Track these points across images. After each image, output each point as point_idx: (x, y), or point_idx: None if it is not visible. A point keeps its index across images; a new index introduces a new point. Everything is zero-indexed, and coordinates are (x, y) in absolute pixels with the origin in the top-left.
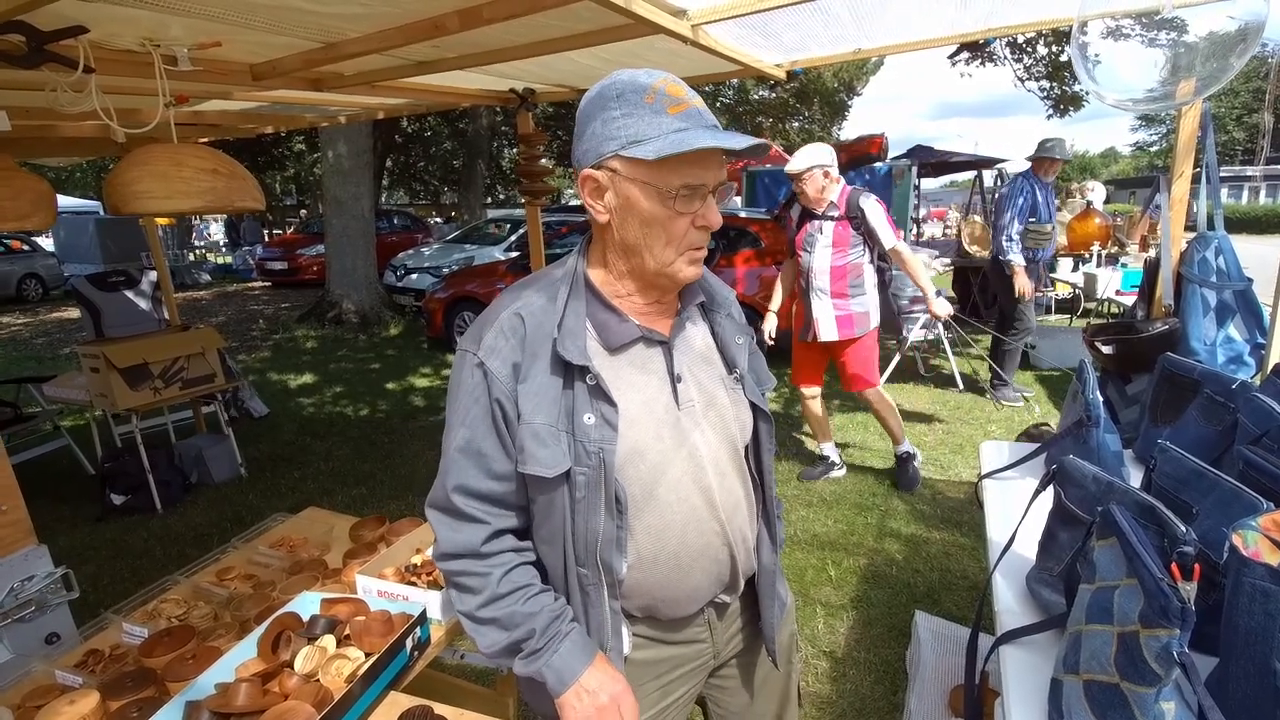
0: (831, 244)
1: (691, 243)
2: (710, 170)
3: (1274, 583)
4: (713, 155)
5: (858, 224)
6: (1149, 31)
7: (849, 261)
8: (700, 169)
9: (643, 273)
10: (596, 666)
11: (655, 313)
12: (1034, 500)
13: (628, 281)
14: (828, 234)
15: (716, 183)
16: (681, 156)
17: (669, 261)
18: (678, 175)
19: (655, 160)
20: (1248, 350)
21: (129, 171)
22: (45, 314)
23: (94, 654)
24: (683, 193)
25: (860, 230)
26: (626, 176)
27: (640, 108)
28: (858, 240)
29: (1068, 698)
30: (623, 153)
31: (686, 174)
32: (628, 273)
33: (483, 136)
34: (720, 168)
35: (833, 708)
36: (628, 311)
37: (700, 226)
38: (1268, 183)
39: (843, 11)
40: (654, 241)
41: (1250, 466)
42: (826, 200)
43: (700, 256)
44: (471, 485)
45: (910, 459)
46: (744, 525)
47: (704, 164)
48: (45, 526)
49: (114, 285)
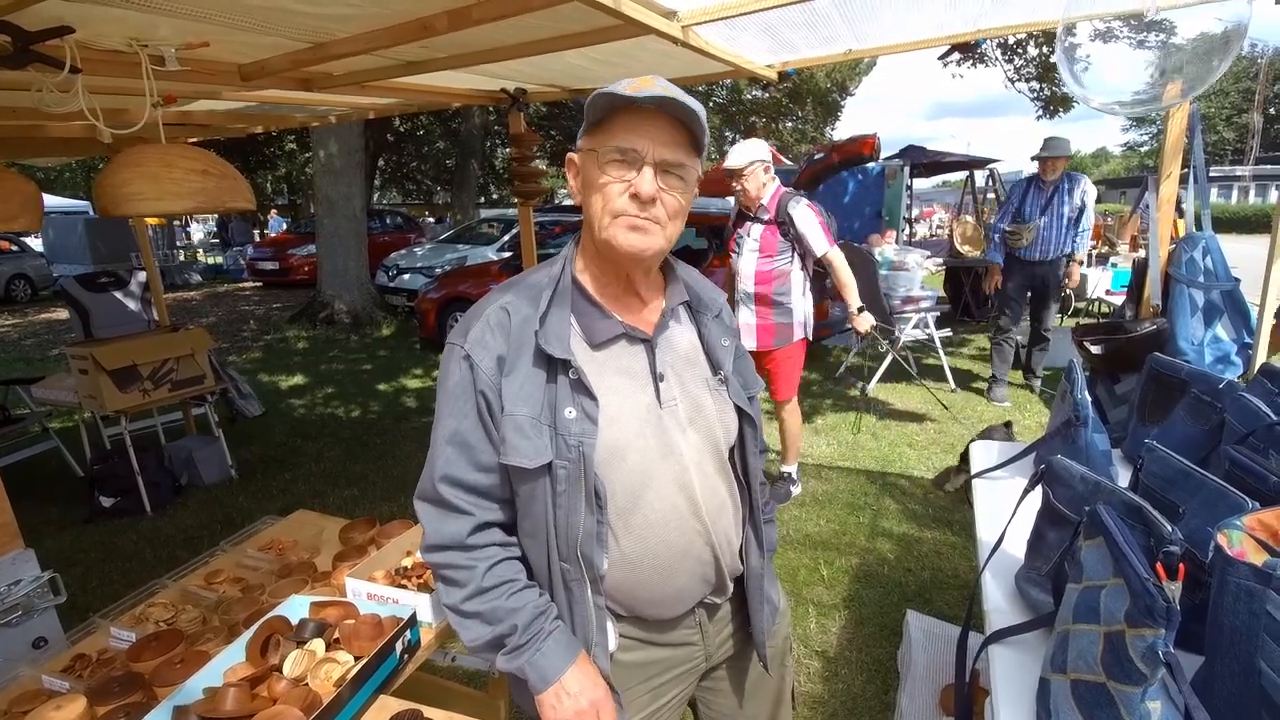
0: (758, 248)
1: (623, 208)
2: (652, 143)
3: (1258, 582)
4: (657, 128)
5: (785, 229)
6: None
7: (775, 268)
8: (637, 136)
9: (596, 245)
10: (579, 668)
11: (639, 309)
12: (1022, 500)
13: (593, 263)
14: (755, 237)
15: (658, 157)
16: (619, 123)
17: (605, 226)
18: (613, 139)
19: (599, 125)
20: (1235, 350)
21: (119, 173)
22: (34, 315)
23: (81, 659)
24: (614, 156)
25: (789, 236)
26: (583, 149)
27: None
28: (785, 246)
29: (1055, 697)
30: (583, 130)
31: (621, 138)
32: (593, 253)
33: (476, 136)
34: (668, 146)
35: (824, 707)
36: (610, 307)
37: (633, 195)
38: (1257, 182)
39: (833, 13)
40: (594, 206)
41: (1236, 466)
42: (759, 201)
43: (639, 224)
44: (458, 476)
45: (789, 480)
46: (728, 527)
47: (644, 133)
48: (33, 529)
49: (103, 286)
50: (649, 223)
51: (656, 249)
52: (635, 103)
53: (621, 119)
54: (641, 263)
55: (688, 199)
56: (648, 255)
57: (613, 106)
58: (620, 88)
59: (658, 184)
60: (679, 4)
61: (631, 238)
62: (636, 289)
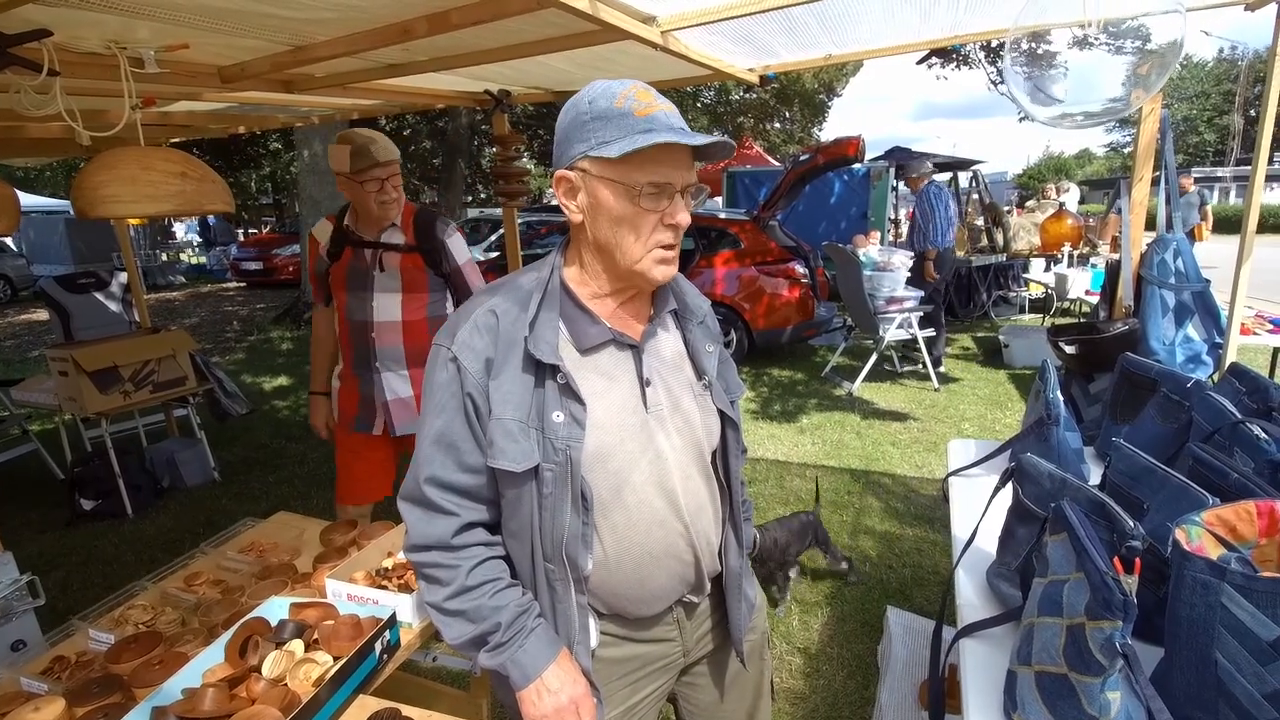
0: (401, 286)
1: (660, 241)
2: (678, 170)
3: (1213, 575)
4: (680, 156)
5: (434, 258)
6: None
7: (428, 316)
8: (667, 168)
9: (615, 271)
10: (560, 665)
11: (628, 316)
12: (994, 497)
13: (602, 280)
14: (392, 270)
15: (684, 183)
16: (647, 155)
17: (638, 259)
18: (644, 173)
19: (621, 158)
20: (1206, 350)
21: (96, 175)
22: (13, 316)
23: (60, 661)
24: (648, 190)
25: (441, 271)
26: (596, 176)
27: (610, 111)
28: (438, 283)
29: (1021, 688)
30: (591, 153)
31: (653, 172)
32: (602, 271)
33: (462, 135)
34: (689, 169)
35: (806, 703)
36: (600, 314)
37: (668, 225)
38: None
39: (810, 20)
40: (623, 239)
41: (1200, 463)
42: (390, 218)
43: (671, 256)
44: (443, 477)
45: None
46: (708, 528)
47: (670, 163)
48: (12, 532)
49: (83, 287)
50: (673, 251)
51: (675, 270)
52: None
53: (651, 152)
54: (662, 286)
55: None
56: (671, 279)
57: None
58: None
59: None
60: (658, 9)
61: (665, 270)
62: (630, 299)
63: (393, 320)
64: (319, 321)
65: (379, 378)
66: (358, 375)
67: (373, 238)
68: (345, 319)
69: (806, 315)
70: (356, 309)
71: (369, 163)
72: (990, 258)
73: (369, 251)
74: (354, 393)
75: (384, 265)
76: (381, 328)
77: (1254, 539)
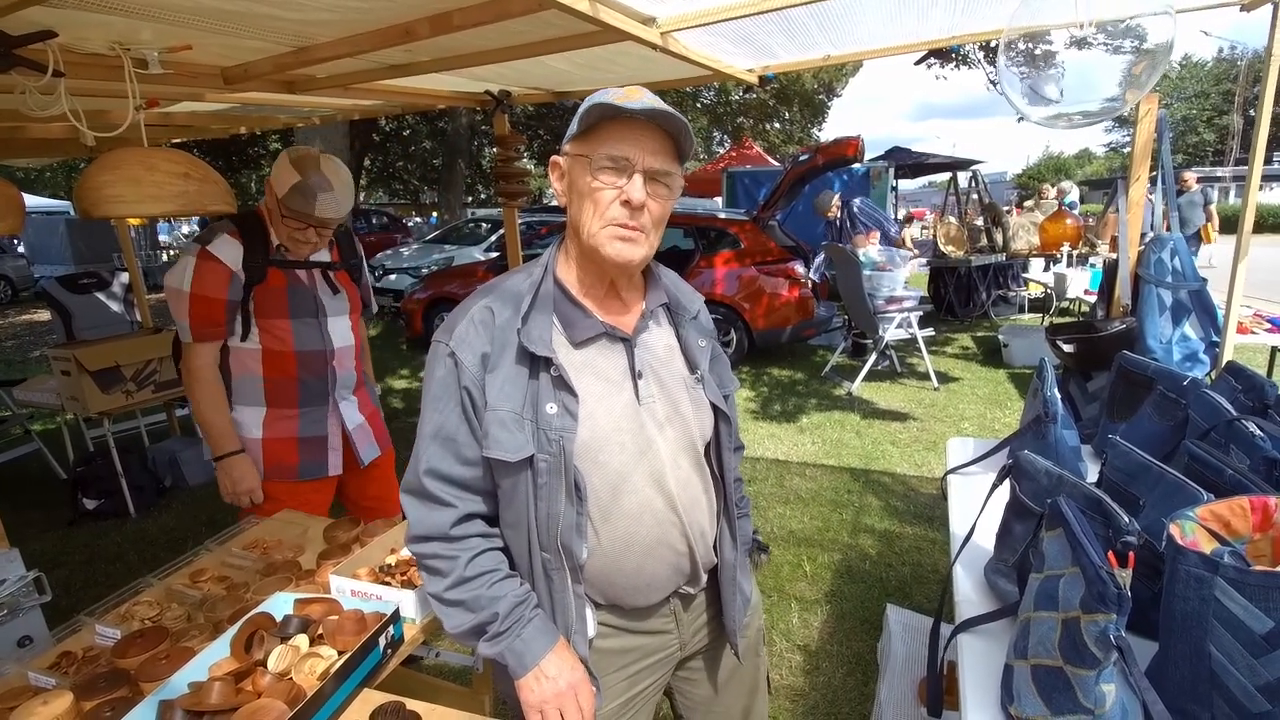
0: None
1: (615, 217)
2: (639, 150)
3: (1207, 569)
4: (644, 137)
5: (356, 273)
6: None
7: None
8: (627, 145)
9: (581, 251)
10: (557, 653)
11: (618, 309)
12: (991, 494)
13: (577, 267)
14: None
15: (647, 165)
16: (610, 131)
17: (594, 233)
18: (605, 147)
19: (589, 133)
20: (1203, 348)
21: (100, 175)
22: (14, 316)
23: (67, 656)
24: (605, 164)
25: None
26: (572, 155)
27: (596, 100)
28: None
29: (1017, 682)
30: (572, 134)
31: (613, 146)
32: (576, 255)
33: (462, 135)
34: (655, 154)
35: (805, 700)
36: (591, 307)
37: (623, 203)
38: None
39: (809, 21)
40: (584, 213)
41: (1195, 460)
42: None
43: (628, 235)
44: (442, 469)
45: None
46: (702, 520)
47: (632, 140)
48: (15, 532)
49: (85, 287)
50: (636, 232)
51: (641, 257)
52: (627, 113)
53: (612, 128)
54: (626, 270)
55: (670, 207)
56: (634, 264)
57: (604, 115)
58: (610, 97)
59: (646, 191)
60: (658, 10)
61: (620, 248)
62: (618, 291)
63: (348, 345)
64: (203, 365)
65: (339, 408)
66: (302, 412)
67: (303, 257)
68: (292, 350)
69: (806, 315)
70: (309, 337)
71: (305, 211)
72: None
73: (303, 272)
74: (292, 436)
75: (335, 286)
76: (341, 354)
77: (1247, 534)
